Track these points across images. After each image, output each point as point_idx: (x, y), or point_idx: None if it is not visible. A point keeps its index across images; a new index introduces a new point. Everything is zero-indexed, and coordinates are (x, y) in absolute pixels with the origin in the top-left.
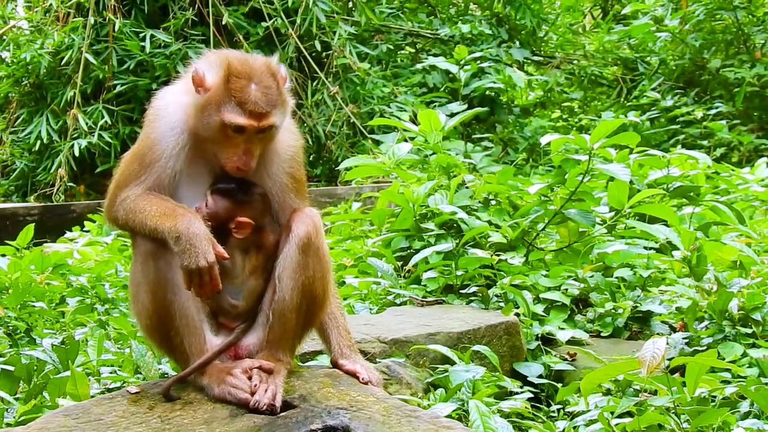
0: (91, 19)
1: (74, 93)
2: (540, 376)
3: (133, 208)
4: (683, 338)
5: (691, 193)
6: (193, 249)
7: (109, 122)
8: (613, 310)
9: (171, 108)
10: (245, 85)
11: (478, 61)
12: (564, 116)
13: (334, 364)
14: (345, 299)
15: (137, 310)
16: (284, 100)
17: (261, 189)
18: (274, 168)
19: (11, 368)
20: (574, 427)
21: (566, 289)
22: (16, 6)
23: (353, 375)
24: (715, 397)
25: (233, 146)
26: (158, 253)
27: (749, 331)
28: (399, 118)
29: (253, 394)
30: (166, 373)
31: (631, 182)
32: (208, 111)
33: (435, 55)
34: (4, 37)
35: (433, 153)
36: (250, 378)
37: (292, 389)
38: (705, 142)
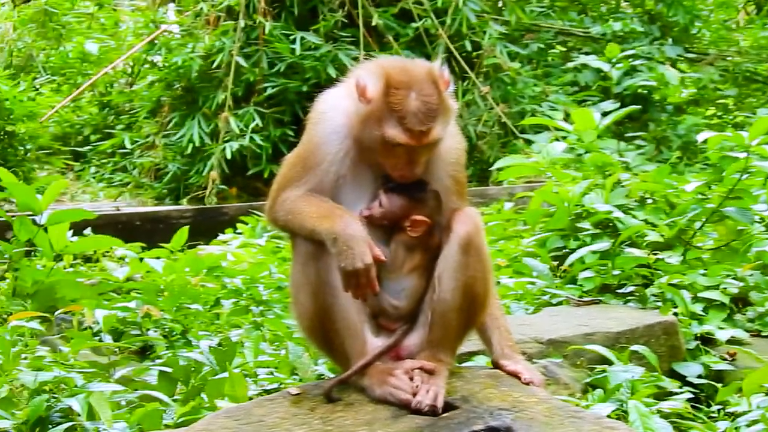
0: (242, 22)
1: (225, 96)
2: (699, 376)
3: (292, 209)
4: None
5: None
6: (350, 251)
7: (260, 125)
8: None
9: (334, 112)
10: (404, 97)
11: (630, 59)
12: (718, 113)
13: (496, 365)
14: (501, 299)
15: (298, 311)
16: (447, 108)
17: (434, 187)
18: (438, 171)
19: (169, 370)
20: (736, 428)
21: (725, 288)
22: (167, 11)
23: (515, 375)
24: None
25: (396, 157)
26: (318, 255)
27: None
28: (551, 117)
29: (414, 395)
30: (323, 375)
31: None
32: (370, 124)
33: (586, 54)
34: (156, 41)
35: (587, 152)
36: (411, 379)
37: (453, 390)
38: None
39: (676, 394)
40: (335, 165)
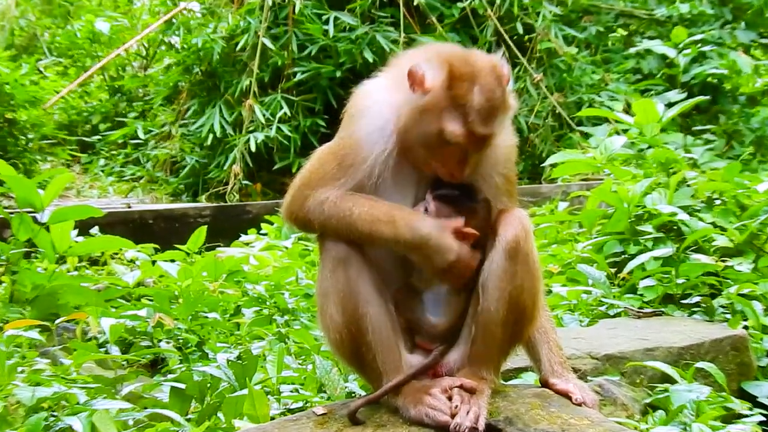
0: (269, 0)
1: (250, 82)
2: None
3: (335, 212)
4: None
5: None
6: (436, 249)
7: (289, 114)
8: None
9: (379, 107)
10: (468, 91)
11: (699, 45)
12: None
13: (544, 383)
14: (552, 310)
15: (325, 322)
16: (508, 106)
17: (484, 196)
18: (488, 169)
19: (182, 386)
20: None
21: None
22: None
23: (565, 395)
24: None
25: (447, 154)
26: (350, 260)
27: None
28: (610, 108)
29: (453, 416)
30: (354, 392)
31: None
32: (426, 116)
33: (650, 38)
34: (174, 20)
35: (650, 147)
36: (450, 398)
37: (496, 411)
38: None
39: (746, 416)
40: (378, 165)
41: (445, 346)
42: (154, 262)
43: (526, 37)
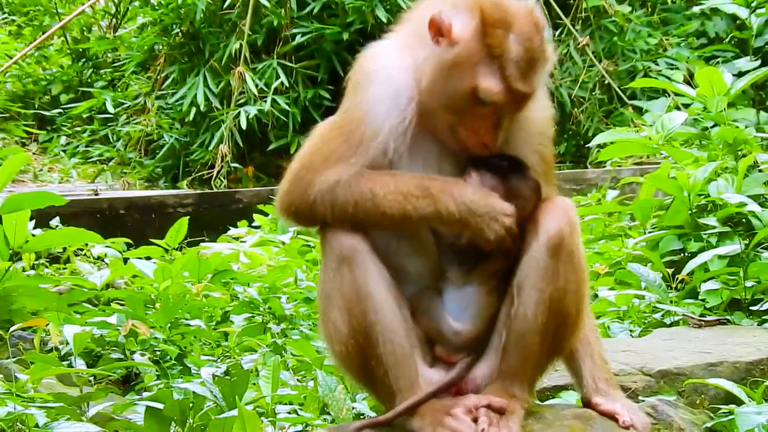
0: None
1: (240, 45)
2: None
3: (351, 196)
4: None
5: None
6: (489, 215)
7: (286, 84)
8: None
9: (389, 70)
10: (504, 39)
11: None
12: None
13: (586, 403)
14: (598, 318)
15: (328, 331)
16: (547, 58)
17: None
18: (520, 144)
19: (160, 406)
20: None
21: None
22: None
23: (611, 417)
24: None
25: (479, 117)
26: (357, 258)
27: None
28: (669, 79)
29: None
30: (363, 414)
31: None
32: (456, 72)
33: None
34: None
35: (715, 125)
36: (475, 420)
37: None
38: None
39: None
40: (393, 140)
41: (471, 357)
42: (126, 260)
43: None
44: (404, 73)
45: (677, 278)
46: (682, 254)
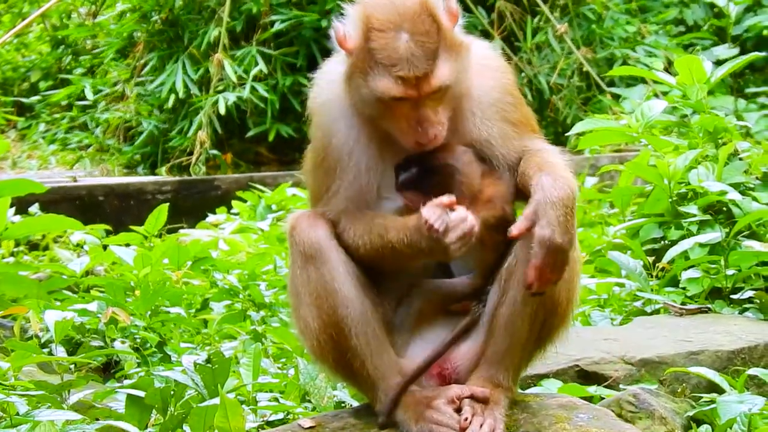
0: None
1: (219, 32)
2: None
3: (350, 245)
4: None
5: None
6: (439, 244)
7: (265, 71)
8: None
9: (332, 89)
10: (391, 40)
11: None
12: None
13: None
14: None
15: (300, 327)
16: (453, 44)
17: (446, 157)
18: (478, 119)
19: (141, 394)
20: None
21: None
22: None
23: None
24: None
25: (402, 118)
26: (322, 255)
27: None
28: (648, 67)
29: (463, 431)
30: (344, 402)
31: None
32: (356, 80)
33: None
34: None
35: (695, 113)
36: (458, 411)
37: (515, 425)
38: None
39: None
40: (356, 157)
41: (452, 334)
42: (105, 247)
43: None
44: (337, 83)
45: (658, 266)
46: (662, 242)
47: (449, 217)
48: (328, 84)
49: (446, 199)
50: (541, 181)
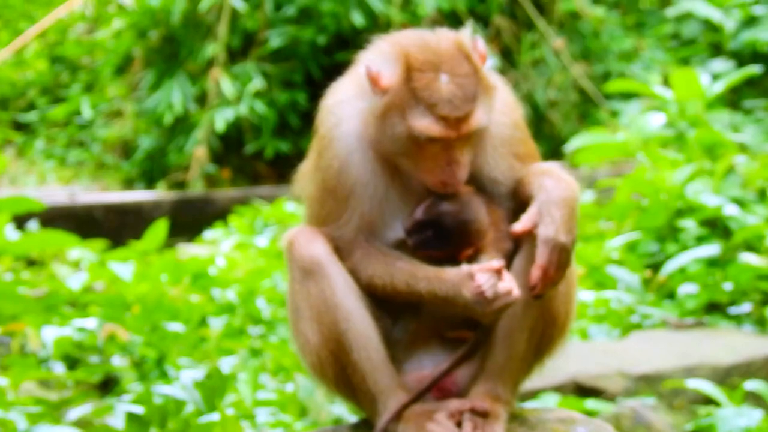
0: None
1: (216, 49)
2: None
3: (361, 276)
4: None
5: None
6: (469, 303)
7: (260, 87)
8: None
9: (349, 123)
10: (432, 80)
11: (750, 6)
12: None
13: None
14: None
15: (300, 343)
16: (487, 87)
17: (458, 213)
18: (489, 156)
19: (140, 410)
20: None
21: None
22: None
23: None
24: None
25: (431, 158)
26: (321, 270)
27: None
28: (645, 81)
29: None
30: (342, 418)
31: None
32: (390, 120)
33: None
34: None
35: (692, 127)
36: (459, 425)
37: None
38: None
39: None
40: (370, 187)
41: (482, 334)
42: (103, 263)
43: None
44: (358, 118)
45: (655, 281)
46: (659, 257)
47: (499, 287)
48: (348, 115)
49: (496, 264)
50: (543, 183)
